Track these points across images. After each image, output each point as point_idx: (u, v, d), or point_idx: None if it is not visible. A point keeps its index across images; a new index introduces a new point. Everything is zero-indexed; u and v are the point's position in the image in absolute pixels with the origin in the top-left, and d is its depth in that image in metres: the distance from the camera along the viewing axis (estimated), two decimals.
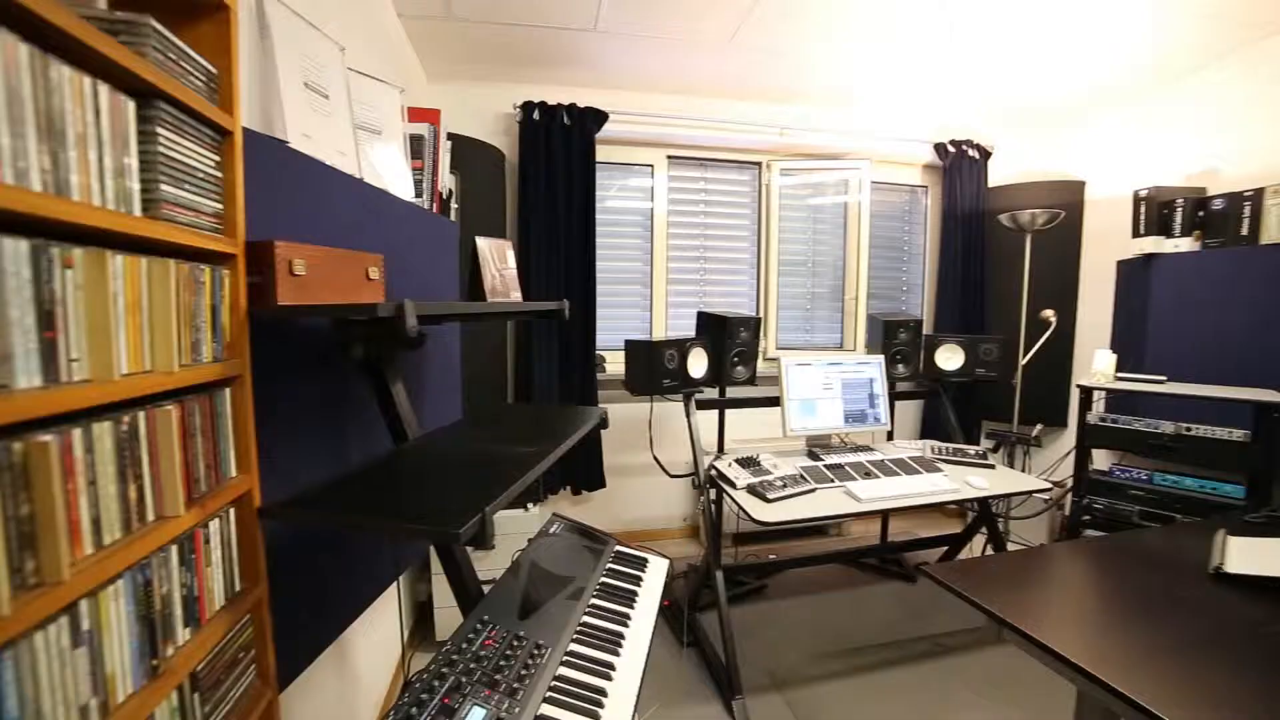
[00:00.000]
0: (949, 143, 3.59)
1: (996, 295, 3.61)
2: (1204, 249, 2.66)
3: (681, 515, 3.54)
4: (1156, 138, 3.09)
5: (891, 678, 2.22)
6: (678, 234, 3.45)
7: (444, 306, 1.24)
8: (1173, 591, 1.38)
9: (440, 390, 1.89)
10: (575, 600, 1.27)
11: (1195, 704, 0.99)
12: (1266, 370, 2.42)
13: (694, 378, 2.35)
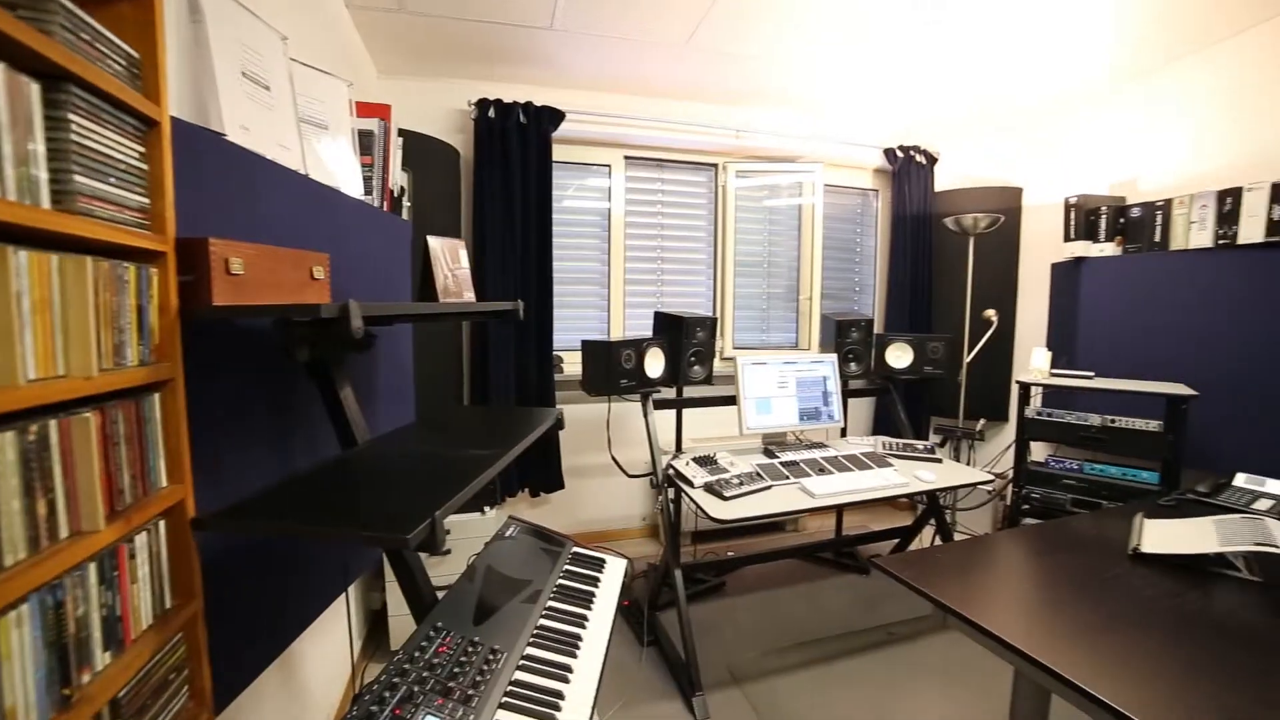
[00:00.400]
0: (898, 148, 3.72)
1: (942, 296, 3.75)
2: (1125, 254, 2.84)
3: (641, 515, 3.55)
4: (1084, 149, 3.28)
5: (846, 667, 2.28)
6: (635, 234, 3.46)
7: (393, 307, 1.21)
8: (1098, 572, 1.46)
9: (392, 393, 1.84)
10: (532, 603, 1.26)
11: (1116, 674, 1.05)
12: (1177, 366, 2.61)
13: (651, 377, 2.36)
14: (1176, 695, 1.01)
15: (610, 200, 3.39)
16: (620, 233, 3.41)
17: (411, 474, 1.12)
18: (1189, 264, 2.61)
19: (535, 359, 3.10)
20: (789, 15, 2.46)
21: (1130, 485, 2.47)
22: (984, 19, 2.49)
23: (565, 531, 3.35)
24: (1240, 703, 0.99)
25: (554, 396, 3.15)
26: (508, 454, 1.21)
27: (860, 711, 2.03)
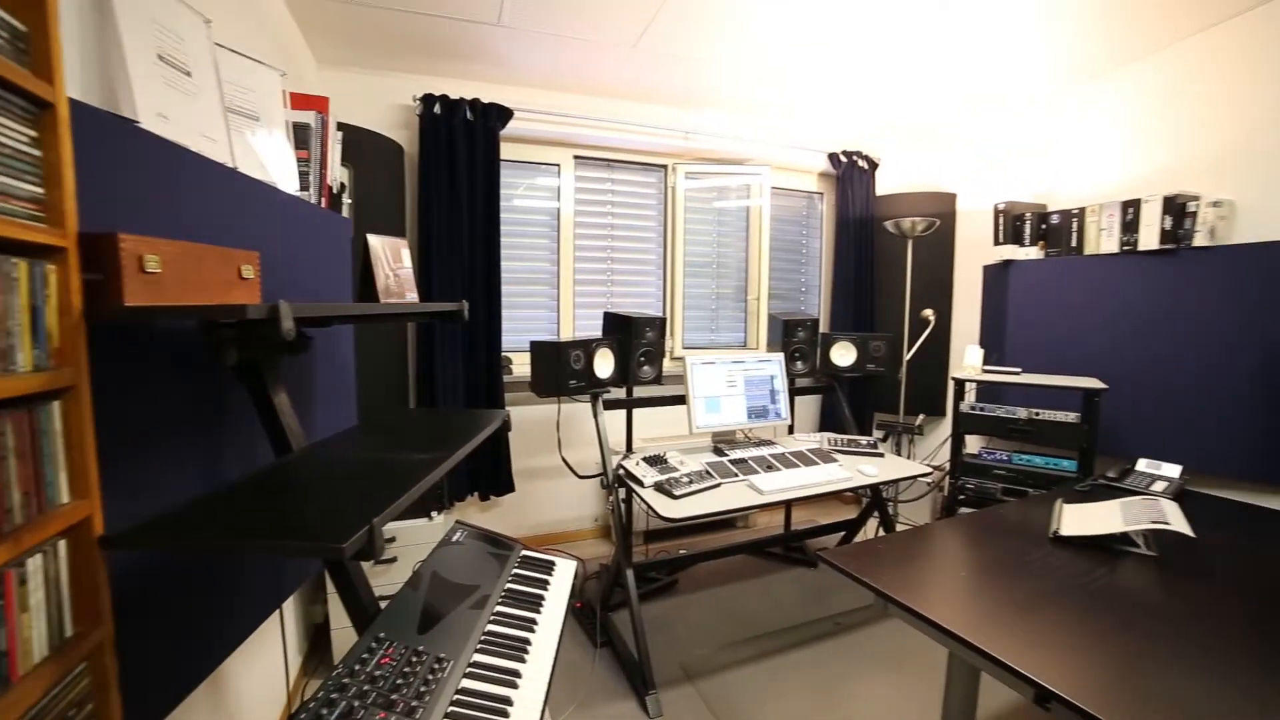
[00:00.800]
0: (841, 153, 3.84)
1: (884, 296, 3.90)
2: (1046, 257, 3.02)
3: (593, 516, 3.54)
4: (1012, 158, 3.47)
5: (796, 658, 2.33)
6: (585, 234, 3.44)
7: (328, 308, 1.15)
8: (1022, 556, 1.55)
9: (332, 396, 1.77)
10: (479, 609, 1.24)
11: (1036, 648, 1.12)
12: (1092, 361, 2.81)
13: (600, 378, 2.36)
14: (1085, 663, 1.09)
15: (560, 200, 3.36)
16: (570, 233, 3.38)
17: (350, 480, 1.08)
18: (1100, 268, 2.81)
19: (484, 360, 3.04)
20: (734, 20, 2.50)
21: (1053, 473, 2.63)
22: (921, 33, 2.61)
23: (517, 535, 3.31)
24: (1135, 664, 1.08)
25: (503, 398, 3.10)
26: (451, 458, 1.18)
27: (809, 700, 2.09)
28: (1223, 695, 1.02)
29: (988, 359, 3.05)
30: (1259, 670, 1.09)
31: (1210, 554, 1.60)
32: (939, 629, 1.22)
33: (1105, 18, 2.49)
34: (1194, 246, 2.54)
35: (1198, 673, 1.08)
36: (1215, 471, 2.52)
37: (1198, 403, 2.56)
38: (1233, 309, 2.47)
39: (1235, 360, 2.46)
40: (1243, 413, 2.45)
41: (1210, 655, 1.13)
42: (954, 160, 3.81)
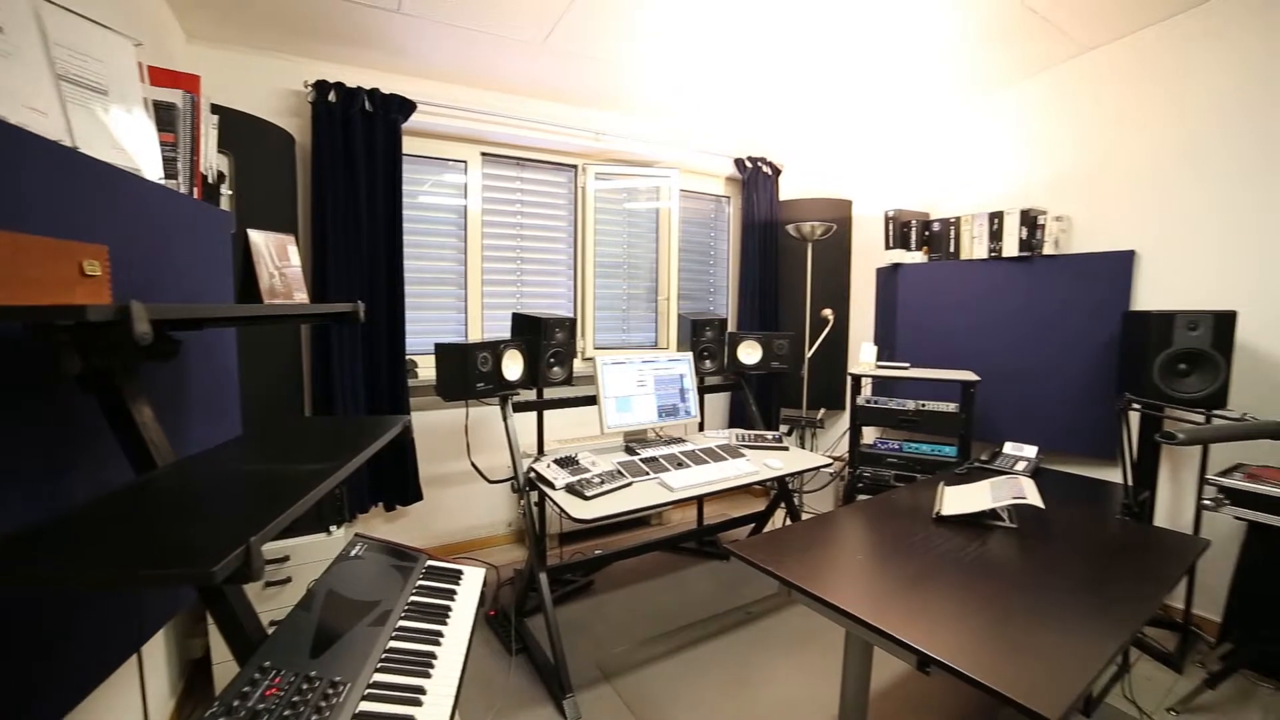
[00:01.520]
0: (747, 158, 3.99)
1: (787, 296, 4.08)
2: (930, 261, 3.30)
3: (506, 521, 3.46)
4: (900, 168, 3.76)
5: (709, 649, 2.40)
6: (494, 233, 3.36)
7: (197, 309, 1.05)
8: (910, 536, 1.68)
9: (211, 406, 1.61)
10: (380, 626, 1.17)
11: (922, 620, 1.22)
12: (969, 355, 3.10)
13: (509, 380, 2.31)
14: (961, 628, 1.19)
15: (467, 198, 3.26)
16: (478, 232, 3.29)
17: (227, 496, 0.99)
18: (973, 272, 3.11)
19: (387, 364, 2.89)
20: (640, 24, 2.54)
21: (937, 459, 2.87)
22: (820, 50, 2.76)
23: (427, 545, 3.17)
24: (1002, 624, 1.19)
25: (408, 403, 2.96)
26: (344, 468, 1.11)
27: (722, 689, 2.15)
28: (1067, 640, 1.16)
29: (881, 355, 3.28)
30: (1094, 615, 1.26)
31: (1057, 521, 1.82)
32: (834, 609, 1.30)
33: (981, 49, 2.75)
34: (1044, 254, 2.87)
35: (1050, 623, 1.22)
36: (1063, 450, 2.87)
37: (1049, 391, 2.89)
38: (1071, 309, 2.82)
39: (1075, 354, 2.82)
40: (1081, 399, 2.80)
41: (1059, 607, 1.29)
42: (850, 169, 4.06)
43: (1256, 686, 2.20)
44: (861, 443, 3.08)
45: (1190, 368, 2.28)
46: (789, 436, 3.30)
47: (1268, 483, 1.96)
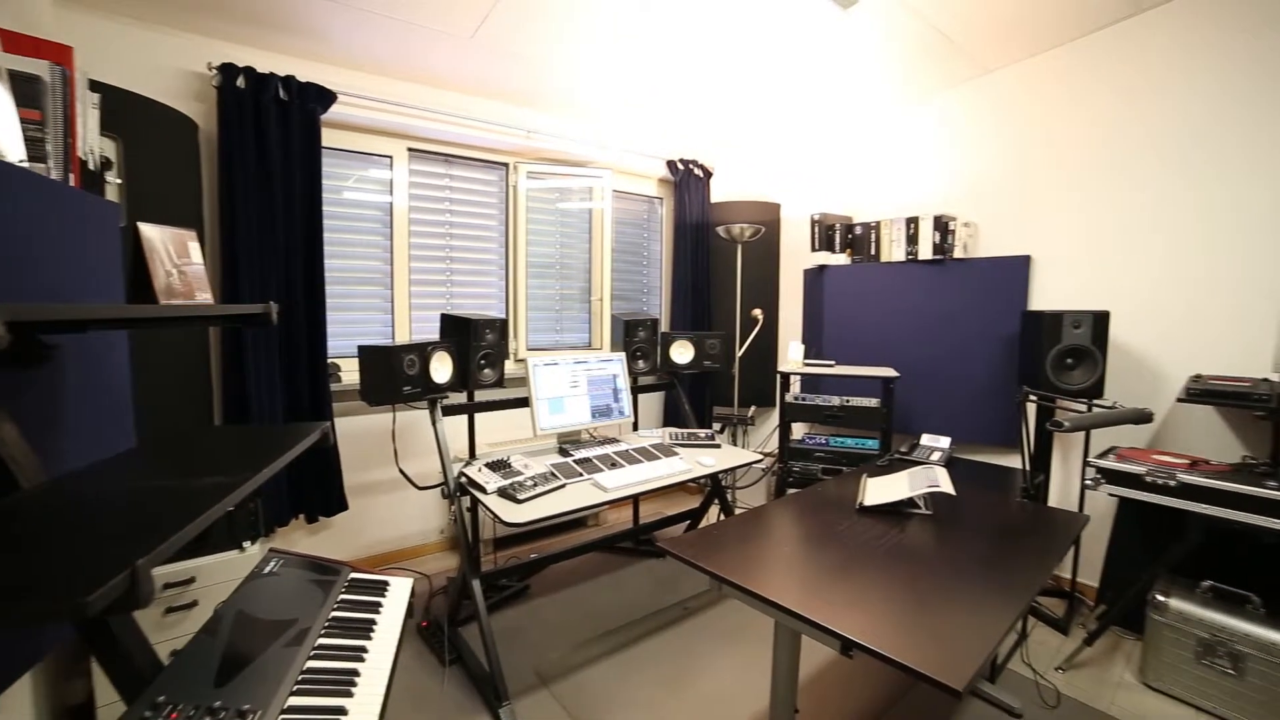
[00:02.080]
0: (679, 160, 4.04)
1: (719, 297, 4.18)
2: (853, 263, 3.46)
3: (439, 528, 3.36)
4: (825, 173, 3.92)
5: (648, 647, 2.41)
6: (422, 232, 3.25)
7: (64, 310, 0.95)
8: (834, 527, 1.75)
9: (97, 417, 1.47)
10: (297, 646, 1.11)
11: (845, 607, 1.27)
12: (889, 352, 3.28)
13: (438, 383, 2.24)
14: (882, 611, 1.26)
15: (393, 194, 3.14)
16: (404, 230, 3.17)
17: (111, 516, 0.90)
18: (892, 273, 3.29)
19: (307, 368, 2.74)
20: (570, 22, 2.53)
21: (862, 452, 3.02)
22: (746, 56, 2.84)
23: (354, 556, 3.04)
24: (918, 605, 1.27)
25: (330, 409, 2.81)
26: (252, 480, 1.04)
27: (660, 686, 2.17)
28: (972, 616, 1.25)
29: (809, 353, 3.41)
30: (995, 591, 1.36)
31: (967, 507, 1.95)
32: (763, 600, 1.34)
33: (899, 66, 2.92)
34: (954, 258, 3.08)
35: (958, 601, 1.31)
36: (973, 440, 3.08)
37: (960, 385, 3.10)
38: (978, 309, 3.04)
39: (982, 350, 3.04)
40: (988, 392, 3.02)
41: (966, 586, 1.39)
42: (779, 173, 4.20)
43: (1123, 640, 2.48)
44: (791, 438, 3.19)
45: (1075, 362, 2.50)
46: (721, 434, 3.38)
47: (1133, 462, 2.19)
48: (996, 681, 2.20)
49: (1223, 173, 2.41)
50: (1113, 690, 2.18)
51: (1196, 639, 2.06)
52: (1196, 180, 2.47)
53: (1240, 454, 2.35)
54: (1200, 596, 2.11)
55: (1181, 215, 2.51)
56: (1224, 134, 2.40)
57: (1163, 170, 2.55)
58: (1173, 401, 2.50)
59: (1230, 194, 2.39)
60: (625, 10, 2.44)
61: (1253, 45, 2.31)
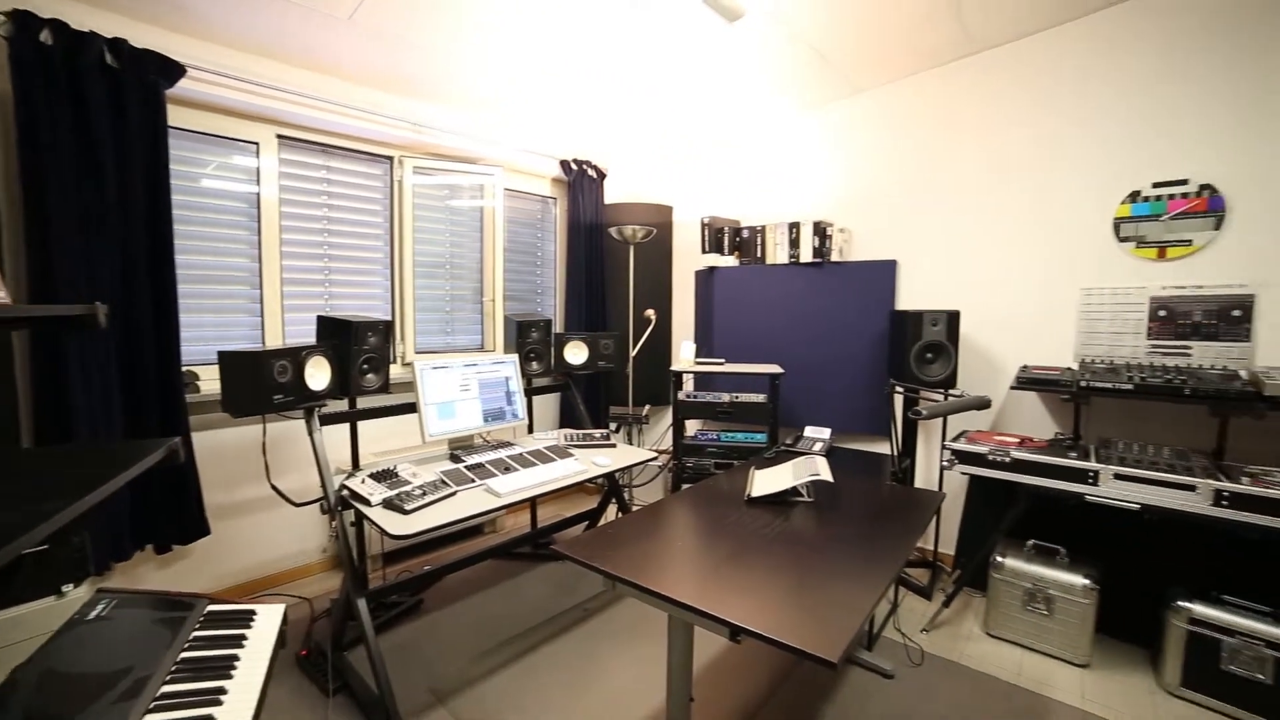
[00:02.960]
0: (572, 160, 4.03)
1: (613, 297, 4.21)
2: (741, 265, 3.63)
3: (320, 546, 3.11)
4: (715, 179, 4.08)
5: (548, 652, 2.39)
6: (296, 227, 2.99)
7: None
8: (724, 519, 1.83)
9: None
10: (131, 699, 0.97)
11: (734, 595, 1.33)
12: (775, 350, 3.48)
13: (314, 390, 2.07)
14: (769, 596, 1.33)
15: (260, 184, 2.86)
16: (275, 224, 2.90)
17: None
18: (777, 275, 3.49)
19: (155, 377, 2.42)
20: (454, 11, 2.44)
21: (751, 446, 3.17)
22: (636, 61, 2.89)
23: (220, 586, 2.75)
24: (803, 586, 1.36)
25: (186, 422, 2.51)
26: (60, 514, 0.89)
27: (562, 690, 2.15)
28: (847, 592, 1.36)
29: (700, 352, 3.53)
30: (867, 567, 1.49)
31: (844, 492, 2.11)
32: (653, 595, 1.37)
33: (782, 81, 3.09)
34: (832, 261, 3.32)
35: (836, 580, 1.42)
36: (850, 430, 3.35)
37: (838, 379, 3.36)
38: (853, 308, 3.30)
39: (856, 346, 3.30)
40: (863, 385, 3.30)
41: (843, 565, 1.50)
42: (672, 176, 4.31)
43: (972, 598, 2.82)
44: (685, 435, 3.29)
45: (934, 356, 2.79)
46: (617, 434, 3.41)
47: (979, 444, 2.48)
48: (874, 649, 2.40)
49: (1041, 190, 2.80)
50: (964, 643, 2.46)
51: (1023, 589, 2.40)
52: (1022, 196, 2.86)
53: (1054, 431, 2.75)
54: (1026, 554, 2.44)
55: (1011, 226, 2.89)
56: (1040, 159, 2.79)
57: (1000, 186, 2.92)
58: (1007, 389, 2.86)
59: (1044, 210, 2.79)
60: (510, 4, 2.40)
61: (1064, 90, 2.71)
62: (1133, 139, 2.57)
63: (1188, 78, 2.44)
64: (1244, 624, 1.99)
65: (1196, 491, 1.99)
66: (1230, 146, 2.37)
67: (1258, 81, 2.31)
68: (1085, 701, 2.10)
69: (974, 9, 2.56)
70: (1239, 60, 2.34)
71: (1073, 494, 2.22)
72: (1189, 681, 2.09)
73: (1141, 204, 2.56)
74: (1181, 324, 2.48)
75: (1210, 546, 2.26)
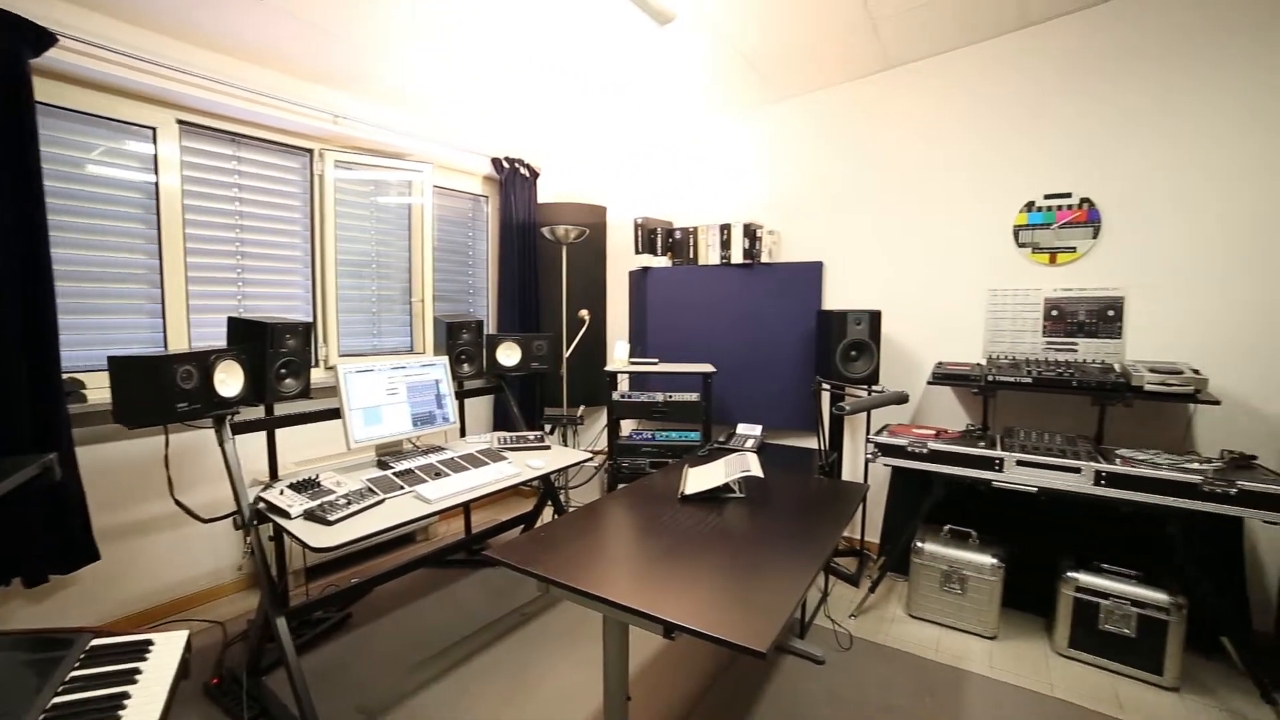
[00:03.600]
0: (504, 158, 3.96)
1: (546, 298, 4.16)
2: (674, 265, 3.68)
3: (235, 564, 2.91)
4: (649, 179, 4.11)
5: (485, 660, 2.33)
6: (203, 221, 2.77)
7: None
8: (659, 518, 1.85)
9: None
10: None
11: (669, 592, 1.35)
12: (708, 350, 3.56)
13: (225, 397, 1.93)
14: (704, 593, 1.35)
15: (158, 174, 2.63)
16: (178, 218, 2.68)
17: None
18: (709, 275, 3.56)
19: (29, 386, 2.16)
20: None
21: (685, 444, 3.22)
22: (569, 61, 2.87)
23: (113, 616, 2.54)
24: (738, 580, 1.39)
25: (69, 436, 2.26)
26: None
27: (499, 699, 2.11)
28: (777, 584, 1.40)
29: (634, 352, 3.55)
30: (796, 558, 1.54)
31: (774, 487, 2.18)
32: (587, 596, 1.37)
33: (714, 86, 3.15)
34: (762, 262, 3.43)
35: (766, 573, 1.46)
36: (780, 426, 3.46)
37: (769, 377, 3.47)
38: (782, 308, 3.42)
39: (786, 345, 3.42)
40: (792, 383, 3.42)
41: (773, 558, 1.55)
42: (606, 176, 4.31)
43: (896, 582, 2.99)
44: (620, 435, 3.30)
45: (858, 354, 2.93)
46: (551, 435, 3.38)
47: (900, 437, 2.63)
48: (806, 636, 2.49)
49: (953, 198, 3.00)
50: (889, 625, 2.60)
51: (940, 572, 2.56)
52: (937, 202, 3.05)
53: (966, 422, 2.95)
54: (943, 538, 2.61)
55: (927, 230, 3.08)
56: (952, 168, 2.99)
57: (918, 192, 3.10)
58: (925, 384, 3.04)
59: (956, 215, 2.99)
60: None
61: (972, 105, 2.92)
62: (1028, 154, 2.81)
63: (1069, 101, 2.70)
64: (1116, 587, 2.24)
65: (1081, 473, 2.20)
66: (1102, 164, 2.65)
67: (1124, 108, 2.59)
68: (993, 670, 2.27)
69: (890, 28, 2.71)
70: (1107, 89, 2.62)
71: (982, 480, 2.40)
72: (1075, 642, 2.33)
73: (1036, 213, 2.79)
74: (1070, 322, 2.73)
75: (1094, 521, 2.50)
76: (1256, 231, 2.39)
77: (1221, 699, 2.13)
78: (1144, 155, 2.56)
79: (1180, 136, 2.49)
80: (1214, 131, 2.43)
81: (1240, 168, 2.40)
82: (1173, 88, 2.50)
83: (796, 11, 2.56)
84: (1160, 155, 2.54)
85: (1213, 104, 2.43)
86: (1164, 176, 2.53)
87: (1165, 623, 2.14)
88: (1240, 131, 2.39)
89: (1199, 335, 2.50)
